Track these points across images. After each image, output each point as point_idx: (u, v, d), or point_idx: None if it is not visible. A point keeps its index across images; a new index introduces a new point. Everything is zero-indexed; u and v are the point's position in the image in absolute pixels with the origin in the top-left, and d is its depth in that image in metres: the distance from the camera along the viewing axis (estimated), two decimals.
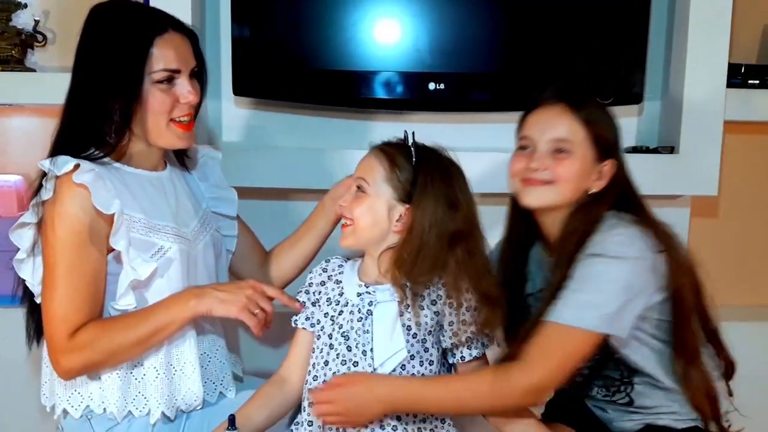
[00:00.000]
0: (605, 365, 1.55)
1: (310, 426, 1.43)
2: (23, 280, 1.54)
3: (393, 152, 1.41)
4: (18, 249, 1.52)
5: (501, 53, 2.14)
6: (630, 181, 1.53)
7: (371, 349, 1.39)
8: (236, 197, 1.73)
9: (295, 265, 1.75)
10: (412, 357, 1.40)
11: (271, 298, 1.51)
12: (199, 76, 1.57)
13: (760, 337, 2.24)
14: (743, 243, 2.39)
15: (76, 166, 1.42)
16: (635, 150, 2.18)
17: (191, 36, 1.55)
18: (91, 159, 1.46)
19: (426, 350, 1.41)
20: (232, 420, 1.33)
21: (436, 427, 1.43)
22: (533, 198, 1.47)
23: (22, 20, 2.19)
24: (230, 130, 2.24)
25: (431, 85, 2.09)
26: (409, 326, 1.39)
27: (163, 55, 1.47)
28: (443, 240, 1.38)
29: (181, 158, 1.67)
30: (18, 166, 2.26)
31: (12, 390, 2.15)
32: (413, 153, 1.40)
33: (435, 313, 1.40)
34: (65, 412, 1.52)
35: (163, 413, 1.50)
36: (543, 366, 1.38)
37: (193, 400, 1.53)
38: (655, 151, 2.16)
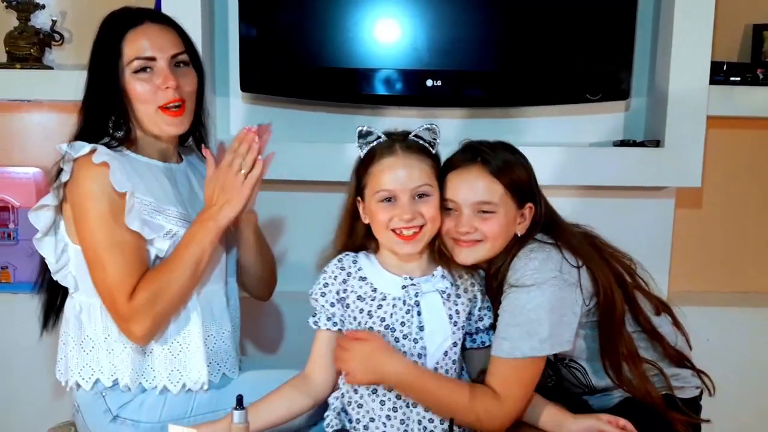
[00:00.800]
0: (560, 387, 1.62)
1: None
2: (43, 267, 1.60)
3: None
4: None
5: (495, 51, 2.17)
6: (550, 207, 1.57)
7: (422, 338, 1.44)
8: None
9: (263, 283, 1.79)
10: (454, 344, 1.46)
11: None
12: (194, 64, 1.61)
13: (741, 322, 2.28)
14: (725, 232, 2.41)
15: (93, 150, 1.48)
16: (623, 144, 2.22)
17: (175, 26, 1.59)
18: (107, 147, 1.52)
19: (462, 337, 1.48)
20: (239, 400, 1.33)
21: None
22: (466, 257, 1.49)
23: (40, 20, 2.24)
24: (238, 125, 2.28)
25: (429, 82, 2.13)
26: (450, 315, 1.46)
27: (135, 45, 1.53)
28: None
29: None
30: (36, 159, 2.31)
31: (33, 372, 2.20)
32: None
33: (469, 300, 1.48)
34: (77, 384, 1.57)
35: (166, 387, 1.55)
36: (514, 403, 1.43)
37: (197, 377, 1.56)
38: (642, 144, 2.19)
